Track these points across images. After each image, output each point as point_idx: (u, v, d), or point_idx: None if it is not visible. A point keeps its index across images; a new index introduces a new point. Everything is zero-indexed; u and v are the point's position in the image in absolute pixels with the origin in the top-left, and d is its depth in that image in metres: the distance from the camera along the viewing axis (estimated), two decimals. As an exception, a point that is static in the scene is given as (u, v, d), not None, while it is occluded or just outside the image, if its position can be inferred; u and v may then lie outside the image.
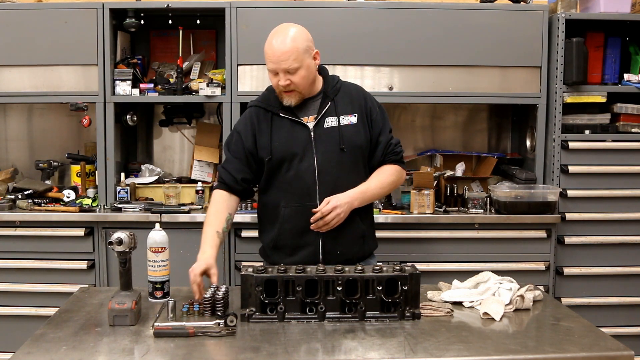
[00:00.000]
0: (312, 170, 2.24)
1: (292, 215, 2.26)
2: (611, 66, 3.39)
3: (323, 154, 2.24)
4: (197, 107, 3.66)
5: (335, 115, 2.28)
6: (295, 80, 2.18)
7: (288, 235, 2.27)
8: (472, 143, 3.83)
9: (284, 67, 2.16)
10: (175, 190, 3.32)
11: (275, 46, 2.16)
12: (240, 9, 3.22)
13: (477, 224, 3.20)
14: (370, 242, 2.40)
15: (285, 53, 2.14)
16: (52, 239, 3.15)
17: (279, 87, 2.21)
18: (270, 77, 2.23)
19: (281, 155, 2.25)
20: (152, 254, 2.03)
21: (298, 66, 2.17)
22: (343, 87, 2.36)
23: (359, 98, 2.35)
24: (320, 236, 2.24)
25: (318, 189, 2.23)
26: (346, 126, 2.28)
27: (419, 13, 3.26)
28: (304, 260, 2.18)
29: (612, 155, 3.30)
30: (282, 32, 2.19)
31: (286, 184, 2.26)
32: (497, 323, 1.91)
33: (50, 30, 3.23)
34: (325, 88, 2.32)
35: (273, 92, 2.31)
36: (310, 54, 2.22)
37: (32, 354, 1.64)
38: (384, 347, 1.70)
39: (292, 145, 2.25)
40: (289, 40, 2.16)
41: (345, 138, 2.26)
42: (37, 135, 3.76)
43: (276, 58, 2.15)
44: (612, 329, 3.09)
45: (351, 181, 2.27)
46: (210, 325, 1.78)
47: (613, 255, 3.33)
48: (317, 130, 2.26)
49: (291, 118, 2.26)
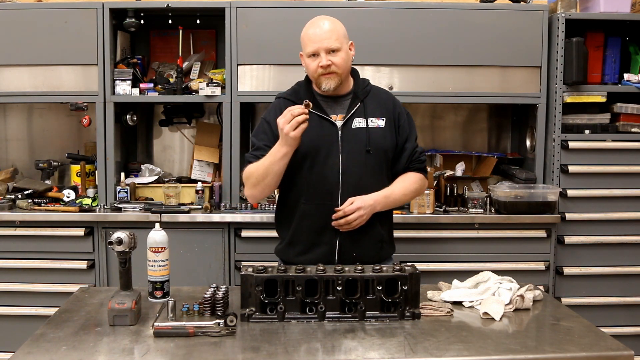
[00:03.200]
0: (337, 170, 2.23)
1: (311, 212, 2.25)
2: (611, 66, 3.39)
3: (348, 153, 2.24)
4: (197, 107, 3.66)
5: (363, 117, 2.28)
6: (336, 61, 2.19)
7: (305, 231, 2.26)
8: (472, 143, 3.83)
9: (326, 45, 2.18)
10: (175, 190, 3.32)
11: (317, 28, 2.21)
12: (240, 9, 3.22)
13: (477, 223, 3.20)
14: (388, 247, 2.39)
15: (328, 32, 2.19)
16: (52, 238, 3.15)
17: (319, 70, 2.20)
18: (308, 64, 2.24)
19: (306, 149, 2.22)
20: (152, 254, 2.03)
21: (339, 46, 2.20)
22: (373, 90, 2.37)
23: (388, 103, 2.35)
24: (337, 236, 2.23)
25: (340, 188, 2.22)
26: (374, 129, 2.28)
27: (419, 13, 3.26)
28: (318, 258, 2.17)
29: (612, 155, 3.30)
30: (320, 19, 2.25)
31: (308, 180, 2.25)
32: (497, 323, 1.91)
33: (50, 30, 3.23)
34: (355, 89, 2.32)
35: (304, 87, 2.32)
36: (348, 42, 2.26)
37: (32, 354, 1.63)
38: (384, 347, 1.70)
39: (319, 142, 2.23)
40: (330, 23, 2.22)
41: (372, 140, 2.25)
42: (37, 135, 3.76)
43: (319, 37, 2.19)
44: (612, 329, 3.09)
45: (374, 184, 2.26)
46: (210, 325, 1.78)
47: (613, 255, 3.33)
48: (344, 130, 2.25)
49: (320, 114, 2.25)
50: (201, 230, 3.17)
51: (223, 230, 3.17)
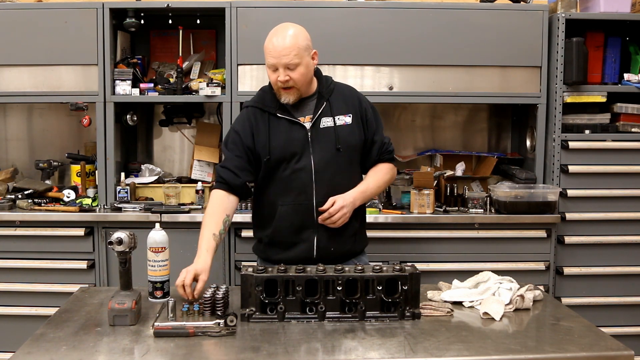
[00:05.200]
0: (309, 170, 2.26)
1: (288, 213, 2.28)
2: (611, 66, 3.39)
3: (319, 153, 2.27)
4: (197, 107, 3.65)
5: (330, 116, 2.31)
6: (295, 77, 2.20)
7: (284, 232, 2.30)
8: (472, 143, 3.83)
9: (285, 62, 2.18)
10: (175, 190, 3.32)
11: (276, 42, 2.19)
12: (240, 9, 3.22)
13: (477, 223, 3.20)
14: (362, 240, 2.45)
15: (287, 48, 2.17)
16: (52, 238, 3.15)
17: (278, 84, 2.23)
18: (269, 74, 2.25)
19: (280, 155, 2.27)
20: (152, 254, 2.03)
21: (298, 62, 2.19)
22: (337, 87, 2.39)
23: (353, 98, 2.39)
24: (315, 233, 2.28)
25: (314, 187, 2.26)
26: (341, 126, 2.31)
27: (419, 13, 3.26)
28: (298, 255, 2.24)
29: (612, 155, 3.30)
30: (283, 29, 2.22)
31: (283, 182, 2.29)
32: (497, 323, 1.91)
33: (50, 30, 3.23)
34: (320, 88, 2.34)
35: (268, 93, 2.33)
36: (310, 53, 2.25)
37: (32, 354, 1.64)
38: (384, 346, 1.70)
39: (291, 146, 2.27)
40: (291, 37, 2.19)
41: (341, 138, 2.29)
42: (37, 135, 3.76)
43: (277, 53, 2.18)
44: (612, 329, 3.09)
45: (346, 180, 2.31)
46: (210, 325, 1.78)
47: (613, 255, 3.33)
48: (313, 131, 2.28)
49: (288, 118, 2.28)
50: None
51: (223, 230, 3.17)
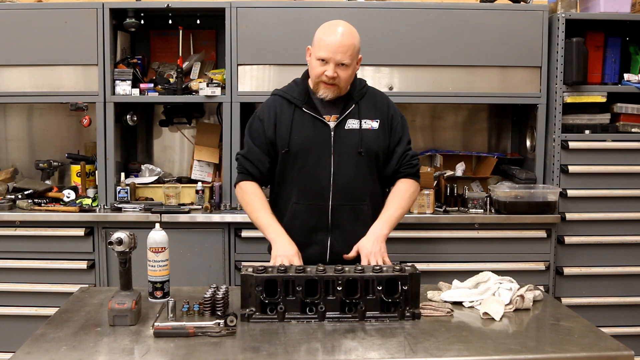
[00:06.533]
0: (328, 171, 2.23)
1: (302, 213, 2.26)
2: (611, 66, 3.39)
3: (340, 155, 2.24)
4: (197, 107, 3.65)
5: (357, 118, 2.27)
6: (342, 76, 2.18)
7: (297, 231, 2.27)
8: (472, 143, 3.83)
9: (339, 58, 2.15)
10: (175, 190, 3.32)
11: (338, 36, 2.14)
12: (240, 9, 3.22)
13: (477, 224, 3.20)
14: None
15: (345, 46, 2.14)
16: (52, 239, 3.15)
17: (323, 77, 2.18)
18: (315, 66, 2.19)
19: (298, 149, 2.23)
20: (152, 254, 2.03)
21: (350, 62, 2.17)
22: (369, 91, 2.36)
23: (383, 105, 2.35)
24: (328, 236, 2.26)
25: (332, 190, 2.24)
26: (367, 130, 2.27)
27: (419, 13, 3.26)
28: (310, 257, 2.19)
29: (612, 155, 3.30)
30: (344, 26, 2.18)
31: (300, 180, 2.26)
32: (497, 323, 1.91)
33: (50, 30, 3.23)
34: (352, 90, 2.30)
35: (300, 85, 2.30)
36: (358, 57, 2.24)
37: (32, 354, 1.63)
38: (384, 347, 1.70)
39: (311, 142, 2.23)
40: (351, 36, 2.17)
41: (364, 142, 2.25)
42: (37, 135, 3.76)
43: (335, 48, 2.13)
44: (612, 329, 3.09)
45: (364, 185, 2.28)
46: (210, 325, 1.78)
47: (613, 255, 3.33)
48: (337, 131, 2.25)
49: (314, 115, 2.25)
50: (201, 231, 3.17)
51: (223, 230, 3.17)
